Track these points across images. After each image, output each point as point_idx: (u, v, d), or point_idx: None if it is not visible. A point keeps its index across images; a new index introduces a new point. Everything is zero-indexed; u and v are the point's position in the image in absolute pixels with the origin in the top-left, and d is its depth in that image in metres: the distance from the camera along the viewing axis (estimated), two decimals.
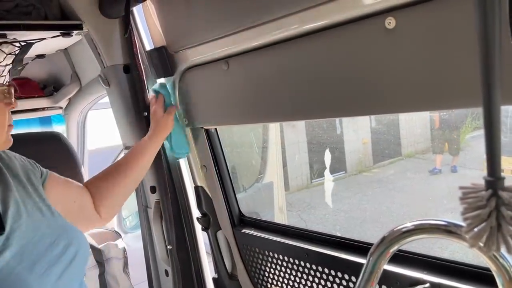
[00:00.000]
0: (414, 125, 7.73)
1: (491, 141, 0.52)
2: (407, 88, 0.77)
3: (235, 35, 1.07)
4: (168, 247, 1.50)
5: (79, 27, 1.35)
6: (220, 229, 1.47)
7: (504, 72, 0.50)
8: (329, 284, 1.14)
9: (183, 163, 1.52)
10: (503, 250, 0.53)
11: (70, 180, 1.14)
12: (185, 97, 1.36)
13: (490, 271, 0.70)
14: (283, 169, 5.17)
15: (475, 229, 0.52)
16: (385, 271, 0.95)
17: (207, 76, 1.25)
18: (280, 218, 3.03)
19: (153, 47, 1.37)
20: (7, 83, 0.92)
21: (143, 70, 1.44)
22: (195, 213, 1.55)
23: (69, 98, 2.04)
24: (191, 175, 1.50)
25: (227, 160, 1.44)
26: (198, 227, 1.55)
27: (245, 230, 1.40)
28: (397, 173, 7.18)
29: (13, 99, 0.92)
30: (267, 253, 1.32)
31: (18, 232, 0.87)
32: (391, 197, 6.13)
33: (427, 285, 0.89)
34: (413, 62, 0.75)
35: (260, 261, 1.37)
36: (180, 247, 1.52)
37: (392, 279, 0.96)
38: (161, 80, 1.45)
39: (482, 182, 0.52)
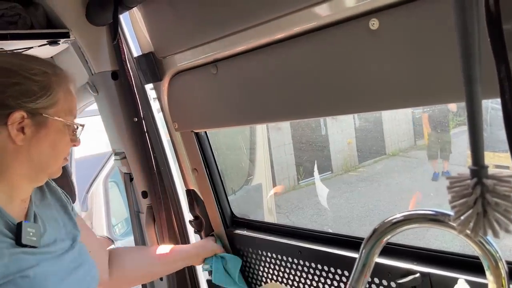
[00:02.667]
0: (397, 124, 7.86)
1: (474, 133, 0.55)
2: (392, 86, 0.80)
3: (223, 39, 1.09)
4: None
5: (66, 35, 1.35)
6: (213, 231, 1.48)
7: (483, 68, 0.53)
8: (322, 280, 1.17)
9: (174, 167, 1.53)
10: (489, 235, 0.56)
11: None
12: (174, 102, 1.37)
13: (476, 258, 0.73)
14: (270, 171, 5.19)
15: (462, 217, 0.55)
16: (376, 263, 0.98)
17: (196, 80, 1.27)
18: (270, 219, 3.06)
19: (140, 53, 1.38)
20: (80, 124, 0.96)
21: (131, 76, 1.45)
22: (188, 216, 1.56)
23: None
24: (182, 179, 1.51)
25: (218, 162, 1.46)
26: (190, 230, 1.56)
27: (237, 231, 1.41)
28: (382, 171, 7.29)
29: (78, 138, 0.97)
30: (260, 253, 1.34)
31: (52, 248, 0.91)
32: (377, 195, 6.22)
33: (417, 275, 0.92)
34: (396, 60, 0.78)
35: (254, 261, 1.39)
36: None
37: (384, 271, 0.99)
38: (150, 85, 1.46)
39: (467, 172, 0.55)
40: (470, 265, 0.86)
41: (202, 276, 1.61)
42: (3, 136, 0.83)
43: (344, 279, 1.11)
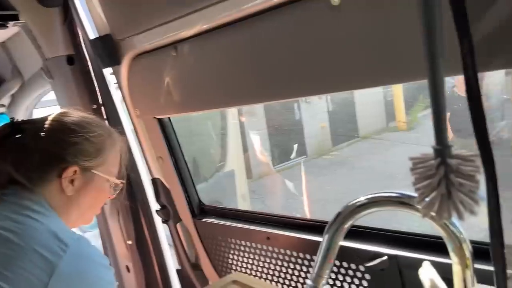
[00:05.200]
0: (369, 107, 7.94)
1: (437, 112, 0.52)
2: (355, 65, 0.77)
3: (183, 18, 1.03)
4: (128, 242, 1.46)
5: (15, 17, 1.26)
6: (181, 220, 1.44)
7: (446, 45, 0.50)
8: (291, 266, 1.15)
9: (138, 155, 1.47)
10: (454, 217, 0.54)
11: None
12: (135, 87, 1.31)
13: (442, 239, 0.72)
14: (245, 156, 5.17)
15: (427, 199, 0.53)
16: (345, 247, 0.96)
17: (156, 63, 1.21)
18: (244, 205, 3.04)
19: (97, 36, 1.31)
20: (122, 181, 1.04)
21: (88, 61, 1.37)
22: (154, 205, 1.51)
23: (12, 95, 1.93)
24: (147, 167, 1.46)
25: (184, 150, 1.41)
26: (158, 219, 1.51)
27: (206, 220, 1.38)
28: (355, 154, 7.38)
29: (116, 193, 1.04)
30: (229, 240, 1.31)
31: None
32: (351, 177, 6.30)
33: (385, 257, 0.91)
34: (359, 38, 0.75)
35: (223, 249, 1.36)
36: (140, 242, 1.48)
37: (353, 255, 0.98)
38: (109, 70, 1.39)
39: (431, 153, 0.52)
40: (436, 246, 0.85)
41: (172, 266, 1.57)
42: (56, 187, 0.92)
43: (312, 264, 1.10)
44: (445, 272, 0.72)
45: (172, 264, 1.56)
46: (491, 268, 0.63)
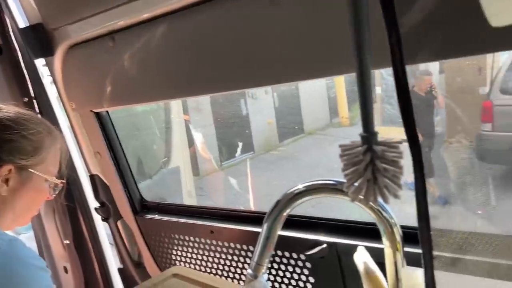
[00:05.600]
0: (314, 103, 8.14)
1: (364, 101, 0.54)
2: (291, 59, 0.78)
3: (120, 7, 1.00)
4: (65, 242, 1.39)
5: None
6: (122, 217, 1.40)
7: (373, 40, 0.53)
8: (235, 258, 1.15)
9: (74, 150, 1.41)
10: (379, 200, 0.57)
11: None
12: (70, 79, 1.25)
13: (376, 225, 0.75)
14: (191, 153, 5.11)
15: (355, 184, 0.55)
16: (286, 237, 0.98)
17: (92, 54, 1.16)
18: (190, 203, 3.00)
19: (27, 25, 1.23)
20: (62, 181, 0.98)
21: (18, 51, 1.29)
22: (93, 203, 1.45)
23: None
24: (84, 163, 1.40)
25: (126, 145, 1.37)
26: (97, 217, 1.46)
27: (148, 216, 1.35)
28: (301, 149, 7.54)
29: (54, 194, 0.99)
30: (172, 236, 1.29)
31: None
32: (298, 171, 6.42)
33: (324, 245, 0.94)
34: (294, 32, 0.76)
35: (166, 245, 1.33)
36: (78, 241, 1.42)
37: (293, 244, 1.00)
38: (42, 61, 1.32)
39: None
40: (371, 232, 0.89)
41: (113, 265, 1.52)
42: None
43: None
44: (379, 257, 0.76)
45: (113, 263, 1.51)
46: (420, 251, 0.67)
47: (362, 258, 0.69)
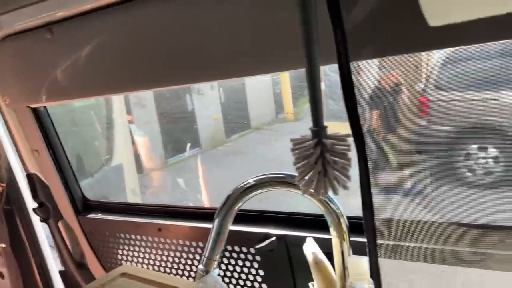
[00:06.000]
0: (260, 98, 8.20)
1: (314, 96, 0.56)
2: (240, 54, 0.78)
3: None
4: (1, 245, 1.30)
5: None
6: (62, 218, 1.33)
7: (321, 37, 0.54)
8: (184, 255, 1.14)
9: (9, 147, 1.32)
10: (330, 192, 0.59)
11: None
12: (3, 72, 1.17)
13: (323, 217, 0.77)
14: (135, 150, 4.97)
15: (306, 177, 0.56)
16: (236, 231, 0.99)
17: (28, 46, 1.09)
18: (135, 201, 2.92)
19: None
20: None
21: None
22: (31, 204, 1.37)
23: None
24: (21, 162, 1.31)
25: (66, 142, 1.30)
26: (36, 218, 1.38)
27: (91, 216, 1.29)
28: (248, 145, 7.59)
29: None
30: (118, 235, 1.25)
31: None
32: (245, 166, 6.45)
33: (274, 238, 0.95)
34: (242, 28, 0.76)
35: (111, 245, 1.29)
36: (16, 244, 1.33)
37: (243, 238, 1.00)
38: None
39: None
40: (319, 223, 0.91)
41: (54, 268, 1.45)
42: None
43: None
44: (327, 247, 0.78)
45: (54, 265, 1.43)
46: (365, 240, 0.70)
47: (310, 248, 0.71)
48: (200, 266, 0.72)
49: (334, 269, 0.74)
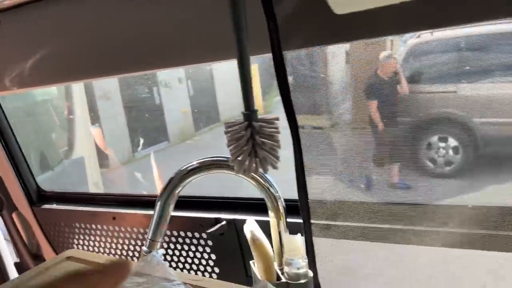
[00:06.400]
0: (229, 91, 8.20)
1: (245, 83, 0.59)
2: (172, 45, 0.80)
3: None
4: None
5: None
6: (17, 209, 1.32)
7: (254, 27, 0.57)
8: (139, 242, 1.16)
9: None
10: (268, 177, 0.63)
11: None
12: None
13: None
14: (99, 143, 4.88)
15: (239, 158, 0.60)
16: (189, 217, 1.02)
17: None
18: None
19: None
20: None
21: None
22: None
23: None
24: None
25: (22, 133, 1.29)
26: None
27: (46, 206, 1.29)
28: (218, 138, 7.59)
29: None
30: (73, 225, 1.26)
31: None
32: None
33: (224, 222, 0.99)
34: (175, 20, 0.77)
35: (67, 235, 1.29)
36: None
37: (196, 223, 1.03)
38: None
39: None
40: (264, 206, 0.95)
41: (10, 260, 1.44)
42: None
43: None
44: (268, 229, 0.82)
45: (9, 257, 1.42)
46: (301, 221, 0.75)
47: (249, 227, 0.74)
48: (144, 248, 0.74)
49: (273, 249, 0.78)
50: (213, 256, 1.06)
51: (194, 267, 1.10)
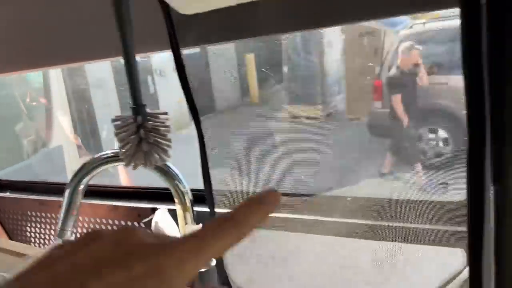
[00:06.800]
0: (225, 80, 8.18)
1: (131, 78, 0.61)
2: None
3: None
4: None
5: None
6: None
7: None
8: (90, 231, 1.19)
9: None
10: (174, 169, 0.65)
11: None
12: None
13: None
14: (95, 133, 4.92)
15: (128, 151, 0.63)
16: (128, 207, 1.05)
17: None
18: None
19: None
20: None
21: None
22: None
23: None
24: None
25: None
26: None
27: (1, 194, 1.33)
28: (213, 126, 7.57)
29: None
30: (28, 213, 1.29)
31: None
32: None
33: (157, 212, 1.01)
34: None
35: (24, 223, 1.33)
36: None
37: (134, 213, 1.06)
38: None
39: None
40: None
41: None
42: None
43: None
44: None
45: None
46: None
47: (156, 219, 0.77)
48: (56, 237, 0.77)
49: None
50: None
51: None
